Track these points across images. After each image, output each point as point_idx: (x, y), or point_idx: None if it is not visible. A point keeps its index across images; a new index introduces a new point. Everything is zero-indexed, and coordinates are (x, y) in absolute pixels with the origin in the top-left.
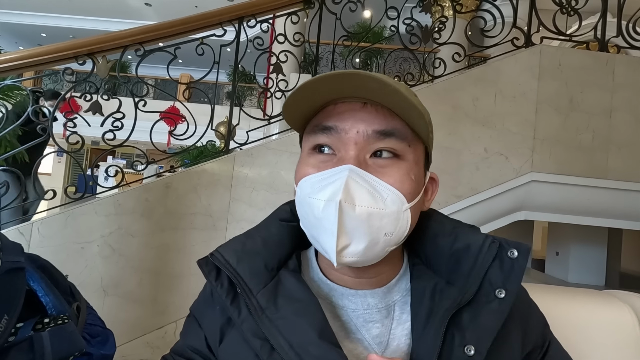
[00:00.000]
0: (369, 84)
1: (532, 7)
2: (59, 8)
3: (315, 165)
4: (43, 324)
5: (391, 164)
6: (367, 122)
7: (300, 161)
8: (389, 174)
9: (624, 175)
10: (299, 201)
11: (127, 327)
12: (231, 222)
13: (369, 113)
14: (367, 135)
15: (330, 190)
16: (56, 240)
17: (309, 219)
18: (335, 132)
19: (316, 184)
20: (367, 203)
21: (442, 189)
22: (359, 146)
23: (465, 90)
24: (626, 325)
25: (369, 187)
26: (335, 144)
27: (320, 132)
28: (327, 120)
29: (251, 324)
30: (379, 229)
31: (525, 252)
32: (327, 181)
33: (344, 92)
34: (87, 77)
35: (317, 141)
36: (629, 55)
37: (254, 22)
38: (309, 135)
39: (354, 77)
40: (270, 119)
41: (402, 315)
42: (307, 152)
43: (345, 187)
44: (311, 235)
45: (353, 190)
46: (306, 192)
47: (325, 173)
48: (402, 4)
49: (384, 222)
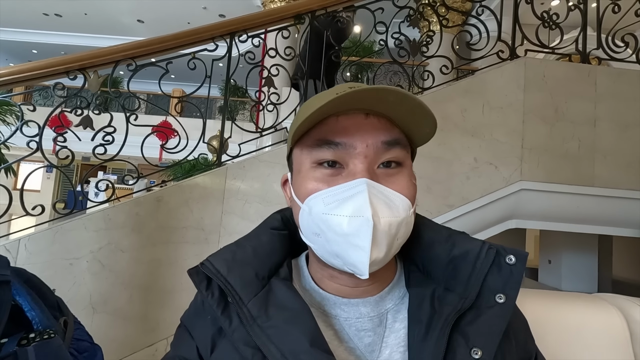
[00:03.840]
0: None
1: (515, 21)
2: (51, 25)
3: (323, 181)
4: (28, 339)
5: (397, 173)
6: (373, 135)
7: (303, 176)
8: (396, 182)
9: (610, 182)
10: (311, 218)
11: (116, 345)
12: (223, 235)
13: (373, 125)
14: (377, 147)
15: (352, 206)
16: (44, 257)
17: (328, 236)
18: (343, 147)
19: (331, 200)
20: (387, 214)
21: (434, 199)
22: (369, 159)
23: (454, 102)
24: (616, 327)
25: (384, 198)
26: (344, 158)
27: (327, 147)
28: (332, 135)
29: (242, 334)
30: (395, 237)
31: (523, 258)
32: (343, 196)
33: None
34: (77, 92)
35: (323, 156)
36: (610, 67)
37: (245, 37)
38: (310, 149)
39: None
40: (262, 131)
41: (395, 323)
42: (309, 166)
43: (371, 202)
44: (329, 251)
45: (376, 204)
46: (320, 208)
47: (339, 188)
48: (390, 19)
49: (398, 229)
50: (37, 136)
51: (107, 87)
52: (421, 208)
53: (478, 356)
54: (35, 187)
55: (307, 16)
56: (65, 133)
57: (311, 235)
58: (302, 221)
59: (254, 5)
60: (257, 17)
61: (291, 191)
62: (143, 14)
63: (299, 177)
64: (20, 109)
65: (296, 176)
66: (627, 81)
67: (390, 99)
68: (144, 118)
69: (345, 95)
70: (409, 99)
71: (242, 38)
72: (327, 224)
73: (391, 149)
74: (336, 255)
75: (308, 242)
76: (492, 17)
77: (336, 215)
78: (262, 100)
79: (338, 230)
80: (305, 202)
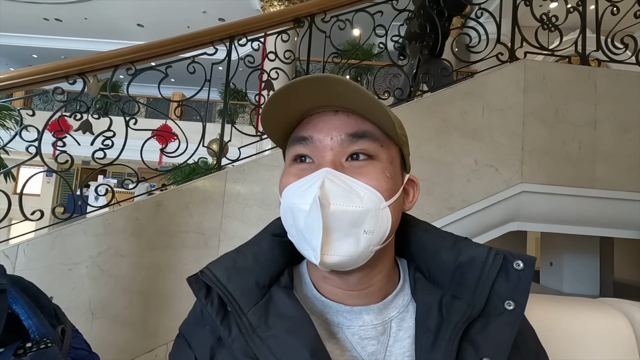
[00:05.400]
0: (336, 87)
1: (514, 24)
2: (51, 29)
3: (296, 174)
4: (25, 348)
5: (366, 165)
6: (339, 128)
7: (284, 172)
8: (364, 174)
9: (611, 184)
10: (284, 211)
11: (116, 351)
12: (223, 239)
13: (340, 120)
14: (341, 139)
15: (310, 193)
16: (42, 262)
17: (296, 226)
18: (312, 142)
19: (297, 191)
20: (342, 202)
21: (435, 202)
22: (335, 151)
23: (454, 104)
24: (620, 332)
25: (345, 186)
26: (313, 152)
27: (298, 143)
28: (303, 131)
29: (242, 344)
30: (357, 227)
31: (531, 263)
32: (306, 186)
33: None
34: (77, 97)
35: (296, 152)
36: (610, 68)
37: (244, 41)
38: (289, 148)
39: (320, 80)
40: (262, 134)
41: (399, 332)
42: (288, 163)
43: (322, 186)
44: (298, 242)
45: (328, 190)
46: (289, 200)
47: (305, 179)
48: (389, 22)
49: (362, 219)
50: (37, 141)
51: (107, 91)
52: (422, 211)
53: None
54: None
55: (306, 20)
56: (64, 137)
57: (289, 227)
58: (282, 215)
59: (254, 9)
60: (256, 20)
61: None
62: (143, 18)
63: (282, 174)
64: (19, 114)
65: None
66: (626, 83)
67: (338, 89)
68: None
69: (287, 87)
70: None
71: (242, 42)
72: (294, 213)
73: (358, 141)
74: (302, 246)
75: (290, 239)
76: (491, 20)
77: (299, 204)
78: (261, 104)
79: (301, 217)
80: (282, 195)
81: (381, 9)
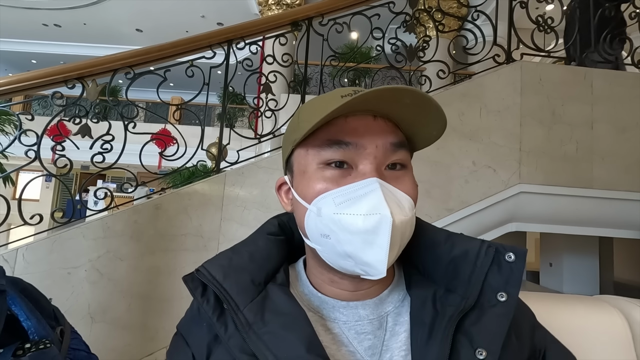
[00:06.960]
0: (405, 98)
1: (510, 26)
2: (50, 35)
3: (332, 181)
4: (24, 349)
5: (402, 174)
6: (382, 136)
7: (309, 177)
8: (402, 184)
9: (609, 184)
10: (320, 219)
11: (115, 355)
12: (223, 242)
13: (381, 126)
14: (385, 148)
15: (366, 204)
16: (42, 266)
17: (339, 236)
18: (354, 148)
19: (342, 199)
20: (399, 213)
21: (434, 203)
22: (378, 160)
23: (452, 106)
24: (617, 328)
25: (394, 197)
26: (353, 158)
27: (336, 147)
28: (342, 135)
29: (238, 340)
30: (403, 236)
31: (522, 255)
32: (355, 195)
33: (359, 105)
34: (76, 101)
35: (332, 157)
36: (606, 69)
37: (243, 45)
38: (318, 150)
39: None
40: (261, 137)
41: (396, 326)
42: (316, 167)
43: (386, 199)
44: (340, 252)
45: (390, 202)
46: (330, 209)
47: (351, 187)
48: (386, 25)
49: (408, 229)
50: (36, 145)
51: (106, 95)
52: (421, 212)
53: (483, 357)
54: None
55: (303, 23)
56: (63, 142)
57: (318, 237)
58: (309, 223)
59: (252, 13)
60: (254, 24)
61: (293, 193)
62: (142, 23)
63: (304, 178)
64: (18, 118)
65: (300, 177)
66: (623, 83)
67: (406, 100)
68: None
69: (367, 94)
70: (426, 101)
71: (240, 45)
72: (339, 224)
73: (398, 151)
74: (348, 255)
75: (314, 245)
76: (487, 22)
77: (349, 215)
78: (260, 107)
79: (352, 229)
80: (313, 202)
81: (378, 11)
